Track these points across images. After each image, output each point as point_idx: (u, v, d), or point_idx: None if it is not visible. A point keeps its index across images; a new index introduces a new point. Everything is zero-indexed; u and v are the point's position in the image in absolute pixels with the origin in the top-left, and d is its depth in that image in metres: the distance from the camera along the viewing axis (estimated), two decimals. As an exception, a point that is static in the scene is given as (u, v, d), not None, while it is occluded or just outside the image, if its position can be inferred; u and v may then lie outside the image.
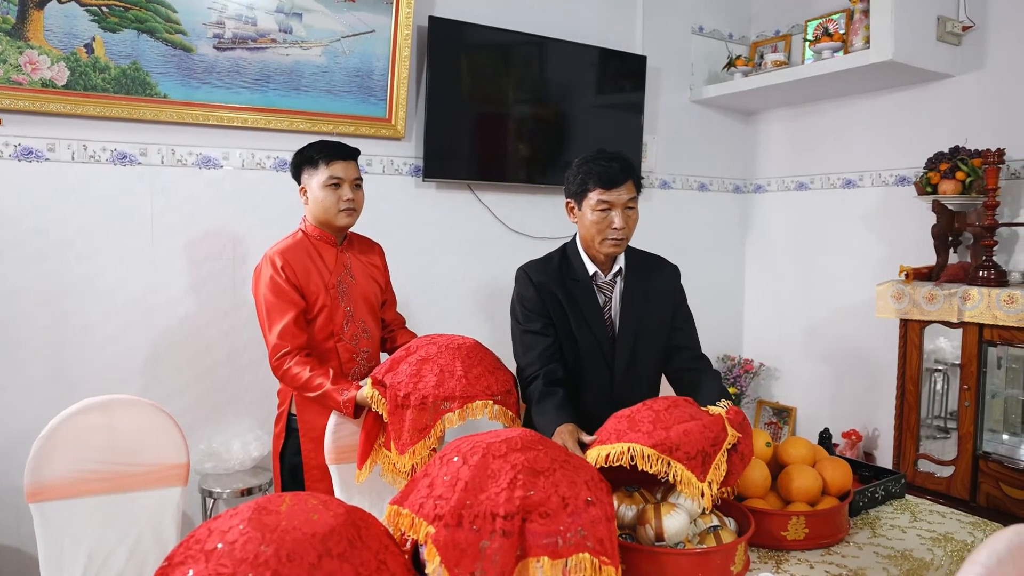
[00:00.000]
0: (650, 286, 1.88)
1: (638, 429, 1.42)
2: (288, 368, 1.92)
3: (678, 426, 1.41)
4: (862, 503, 1.73)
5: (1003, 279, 2.63)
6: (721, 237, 3.99)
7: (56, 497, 1.60)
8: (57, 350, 2.39)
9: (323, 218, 2.04)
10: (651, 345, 1.88)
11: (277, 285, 1.95)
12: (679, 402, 1.51)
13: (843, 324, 3.54)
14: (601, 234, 1.77)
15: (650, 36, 3.60)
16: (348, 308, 2.06)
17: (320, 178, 2.00)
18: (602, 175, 1.74)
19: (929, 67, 2.96)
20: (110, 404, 1.69)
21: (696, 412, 1.48)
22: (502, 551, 1.03)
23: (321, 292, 2.01)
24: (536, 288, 1.83)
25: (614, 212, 1.75)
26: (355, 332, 2.08)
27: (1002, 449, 2.67)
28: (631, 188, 1.77)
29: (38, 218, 2.35)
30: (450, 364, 1.74)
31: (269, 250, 2.02)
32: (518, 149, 3.19)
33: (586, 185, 1.77)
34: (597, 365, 1.84)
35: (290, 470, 2.06)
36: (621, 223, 1.75)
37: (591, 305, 1.83)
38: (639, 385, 1.87)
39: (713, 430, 1.43)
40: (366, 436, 1.80)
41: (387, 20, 2.79)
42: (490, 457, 1.13)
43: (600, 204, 1.75)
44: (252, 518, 0.97)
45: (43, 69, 2.26)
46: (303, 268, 1.99)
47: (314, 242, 2.06)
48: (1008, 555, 0.93)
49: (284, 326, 1.93)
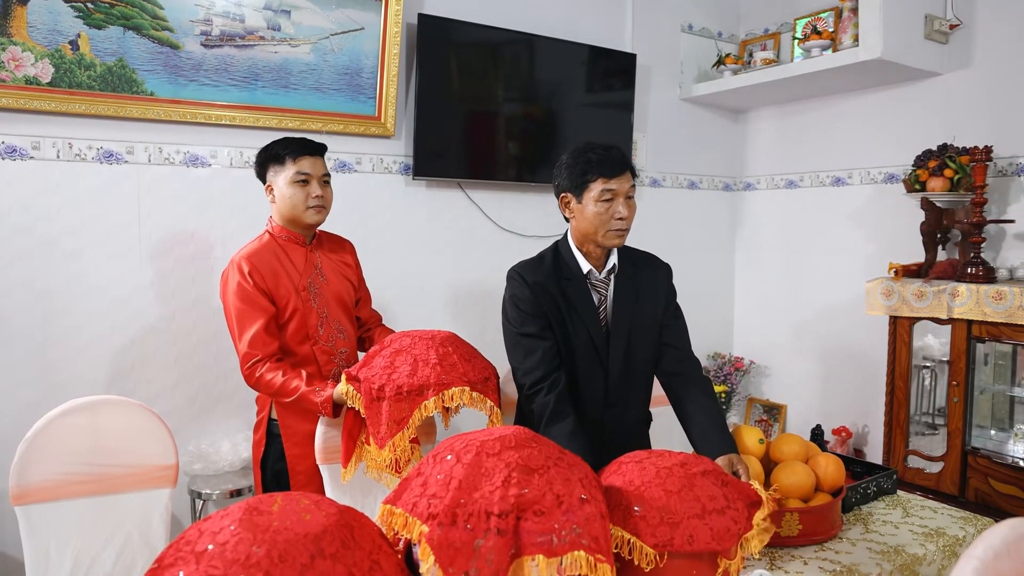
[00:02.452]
0: (643, 284, 1.86)
1: (642, 516, 1.20)
2: (260, 376, 1.86)
3: (688, 522, 1.18)
4: (855, 499, 1.74)
5: (991, 275, 2.65)
6: (711, 235, 4.00)
7: (42, 500, 1.58)
8: (42, 350, 2.35)
9: (290, 215, 1.97)
10: (645, 344, 1.86)
11: (245, 291, 1.88)
12: (693, 473, 1.25)
13: (833, 321, 3.55)
14: (605, 225, 1.74)
15: (640, 34, 3.60)
16: (322, 310, 2.00)
17: (287, 174, 1.94)
18: (604, 163, 1.71)
19: (917, 65, 2.98)
20: (96, 405, 1.67)
21: (713, 491, 1.23)
22: (496, 550, 1.02)
23: (292, 295, 1.94)
24: (531, 289, 1.79)
25: (618, 201, 1.73)
26: (331, 333, 2.02)
27: (990, 444, 2.69)
28: (630, 177, 1.75)
29: (22, 217, 2.31)
30: (424, 354, 1.71)
31: (235, 255, 1.95)
32: (508, 147, 3.18)
33: (587, 176, 1.73)
34: (592, 365, 1.81)
35: (274, 476, 2.01)
36: (626, 212, 1.73)
37: (586, 304, 1.80)
38: (634, 384, 1.86)
39: (739, 523, 1.21)
40: (348, 434, 1.77)
41: (376, 17, 2.78)
42: (484, 455, 1.12)
43: (604, 194, 1.72)
44: (243, 519, 0.96)
45: (27, 66, 2.23)
46: (271, 272, 1.92)
47: (281, 243, 1.99)
48: (1003, 549, 0.93)
49: (254, 334, 1.86)
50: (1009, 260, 2.87)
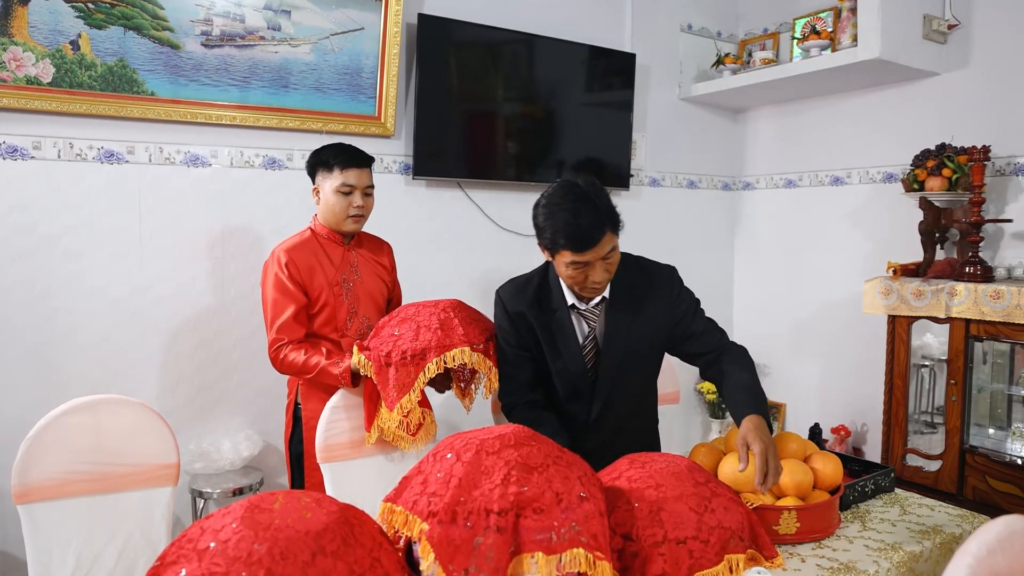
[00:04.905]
0: (640, 308, 1.72)
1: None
2: (284, 356, 1.99)
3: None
4: (852, 497, 1.75)
5: (989, 275, 2.66)
6: (710, 234, 4.01)
7: (44, 498, 1.58)
8: (43, 350, 2.36)
9: (331, 221, 2.11)
10: (642, 367, 1.78)
11: (280, 281, 2.02)
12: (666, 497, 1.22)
13: (831, 321, 3.56)
14: (579, 286, 1.62)
15: (639, 34, 3.60)
16: (352, 305, 2.13)
17: (333, 183, 2.06)
18: (572, 237, 1.52)
19: (915, 65, 2.98)
20: (98, 404, 1.67)
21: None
22: (496, 547, 1.03)
23: (324, 289, 2.07)
24: (511, 319, 1.73)
25: (592, 268, 1.56)
26: (359, 328, 2.14)
27: (988, 443, 2.69)
28: (609, 238, 1.54)
29: (23, 217, 2.32)
30: (428, 320, 1.81)
31: (277, 247, 2.09)
32: (508, 147, 3.19)
33: (555, 244, 1.56)
34: (573, 394, 1.76)
35: (295, 459, 2.15)
36: (600, 277, 1.57)
37: (568, 339, 1.69)
38: (618, 416, 1.79)
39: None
40: (369, 399, 1.87)
41: (376, 17, 2.78)
42: (483, 454, 1.13)
43: (575, 265, 1.56)
44: (245, 516, 0.96)
45: (28, 66, 2.23)
46: (307, 266, 2.06)
47: (321, 241, 2.12)
48: (998, 545, 0.94)
49: (284, 321, 2.01)
50: (1007, 259, 2.87)
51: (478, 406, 2.05)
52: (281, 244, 2.10)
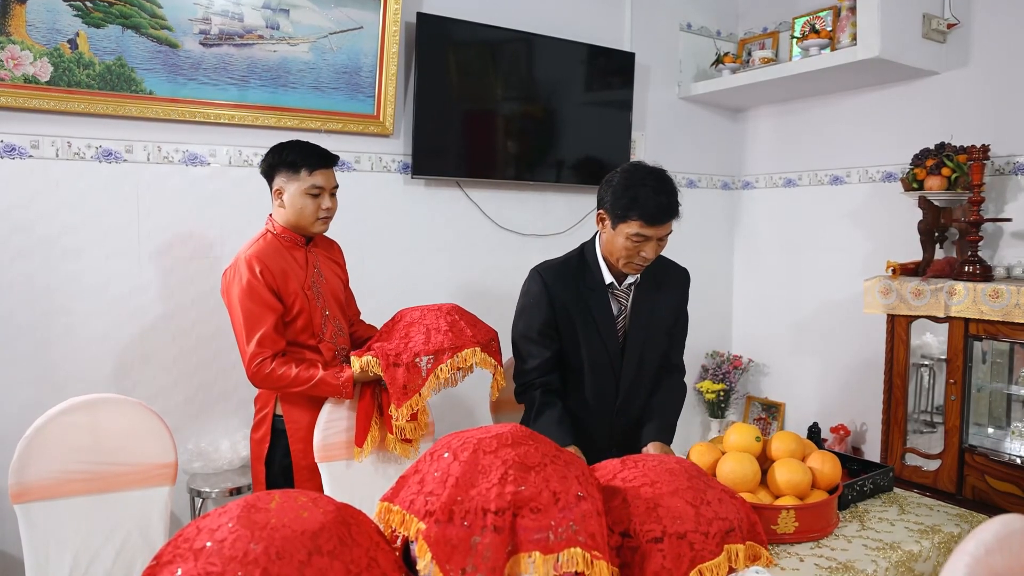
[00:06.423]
0: (661, 295, 1.86)
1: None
2: (272, 371, 1.87)
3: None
4: (851, 496, 1.75)
5: (988, 274, 2.66)
6: (709, 233, 4.00)
7: (41, 498, 1.58)
8: (41, 349, 2.36)
9: (298, 224, 1.99)
10: (656, 352, 1.88)
11: (255, 291, 1.88)
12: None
13: (831, 320, 3.56)
14: (627, 259, 1.72)
15: (638, 33, 3.60)
16: (324, 308, 2.03)
17: (302, 186, 1.95)
18: (647, 209, 1.64)
19: (915, 64, 2.98)
20: (96, 403, 1.67)
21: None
22: (493, 546, 1.03)
23: (298, 294, 1.96)
24: (549, 295, 1.79)
25: (648, 244, 1.69)
26: (333, 331, 2.06)
27: (987, 442, 2.69)
28: (671, 225, 1.69)
29: (21, 215, 2.32)
30: (435, 323, 1.87)
31: (240, 253, 1.95)
32: (507, 146, 3.19)
33: (629, 212, 1.66)
34: (604, 374, 1.82)
35: (282, 471, 2.02)
36: (651, 255, 1.70)
37: (605, 316, 1.80)
38: (641, 392, 1.89)
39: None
40: (363, 413, 1.88)
41: (375, 16, 2.78)
42: (480, 453, 1.12)
43: (637, 236, 1.67)
44: (241, 516, 0.96)
45: (25, 65, 2.23)
46: (280, 271, 1.93)
47: (285, 244, 2.00)
48: (996, 544, 0.94)
49: (264, 333, 1.87)
50: (1006, 258, 2.87)
51: (478, 406, 2.06)
52: (245, 250, 1.94)
